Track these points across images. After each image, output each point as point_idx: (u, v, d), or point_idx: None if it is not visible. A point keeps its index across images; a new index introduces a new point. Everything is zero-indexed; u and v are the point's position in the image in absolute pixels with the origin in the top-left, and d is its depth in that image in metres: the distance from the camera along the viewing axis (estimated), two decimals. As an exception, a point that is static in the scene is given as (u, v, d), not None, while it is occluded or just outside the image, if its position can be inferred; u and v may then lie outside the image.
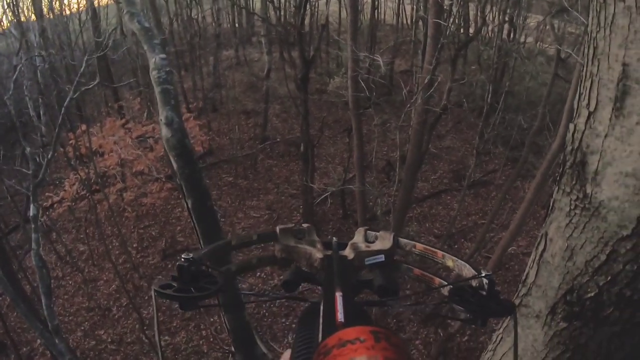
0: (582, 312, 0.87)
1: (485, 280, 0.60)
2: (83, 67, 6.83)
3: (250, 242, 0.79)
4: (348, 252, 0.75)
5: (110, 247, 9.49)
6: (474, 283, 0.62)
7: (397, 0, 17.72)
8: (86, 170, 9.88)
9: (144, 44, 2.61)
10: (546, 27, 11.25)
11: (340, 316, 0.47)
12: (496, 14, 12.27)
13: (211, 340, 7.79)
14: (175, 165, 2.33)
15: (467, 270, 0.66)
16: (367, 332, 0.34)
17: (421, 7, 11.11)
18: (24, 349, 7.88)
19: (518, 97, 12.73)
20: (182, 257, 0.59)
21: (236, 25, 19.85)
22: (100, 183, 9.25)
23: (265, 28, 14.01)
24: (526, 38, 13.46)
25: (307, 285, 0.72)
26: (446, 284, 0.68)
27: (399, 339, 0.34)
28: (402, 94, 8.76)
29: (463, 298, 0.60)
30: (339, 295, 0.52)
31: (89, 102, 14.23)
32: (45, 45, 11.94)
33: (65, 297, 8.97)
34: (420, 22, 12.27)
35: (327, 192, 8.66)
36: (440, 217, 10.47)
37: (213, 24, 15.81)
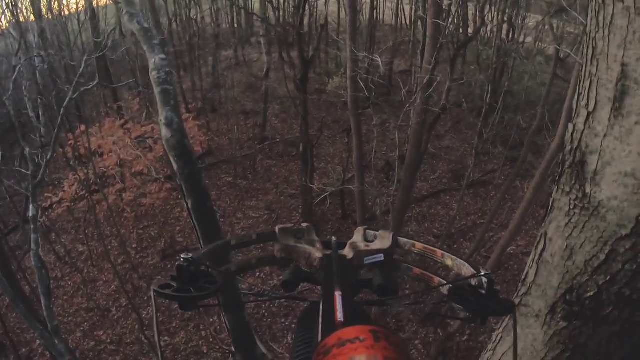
0: (582, 312, 0.87)
1: (484, 279, 0.60)
2: (82, 68, 6.82)
3: (250, 242, 0.79)
4: (347, 252, 0.75)
5: (109, 247, 9.48)
6: (473, 282, 0.62)
7: (396, 1, 17.72)
8: (85, 171, 9.87)
9: (144, 45, 2.61)
10: (545, 27, 11.27)
11: (340, 316, 0.47)
12: (495, 14, 12.27)
13: (211, 340, 7.78)
14: (175, 166, 2.33)
15: (467, 269, 0.66)
16: (367, 332, 0.34)
17: (420, 7, 11.09)
18: (24, 350, 7.87)
19: (517, 97, 12.73)
20: (182, 257, 0.59)
21: (235, 26, 19.82)
22: (100, 183, 9.23)
23: (265, 28, 14.04)
24: (525, 38, 13.48)
25: (307, 285, 0.72)
26: (446, 283, 0.69)
27: (399, 338, 0.34)
28: (401, 94, 8.78)
29: (462, 297, 0.60)
30: (338, 295, 0.52)
31: (88, 102, 14.23)
32: (44, 45, 11.93)
33: (65, 297, 8.95)
34: (419, 22, 12.25)
35: (327, 192, 8.65)
36: (439, 217, 10.47)
37: (212, 24, 15.80)
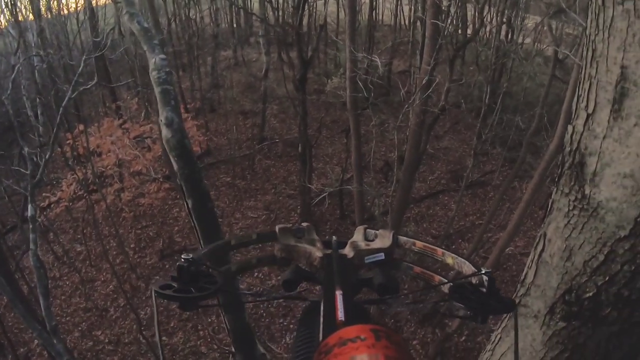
0: (581, 312, 0.87)
1: (485, 278, 0.60)
2: (81, 67, 6.80)
3: (250, 242, 0.79)
4: (348, 251, 0.74)
5: (107, 247, 9.47)
6: (474, 280, 0.62)
7: (395, 1, 17.74)
8: (84, 171, 9.84)
9: (144, 45, 2.60)
10: (544, 28, 11.27)
11: (341, 315, 0.47)
12: (494, 15, 12.29)
13: (209, 340, 7.77)
14: (175, 166, 2.32)
15: (467, 268, 0.66)
16: (368, 331, 0.34)
17: (419, 8, 11.12)
18: (22, 350, 7.85)
19: (516, 97, 12.76)
20: (182, 257, 0.59)
21: (234, 26, 19.80)
22: (98, 183, 9.22)
23: (264, 28, 14.03)
24: (524, 39, 13.52)
25: (306, 284, 0.72)
26: (446, 281, 0.69)
27: (400, 337, 0.34)
28: (400, 95, 8.78)
29: (463, 295, 0.60)
30: (339, 294, 0.52)
31: (86, 102, 14.20)
32: (43, 45, 11.89)
33: (63, 297, 8.93)
34: (418, 23, 12.25)
35: (325, 192, 8.64)
36: (438, 217, 10.48)
37: (211, 24, 15.81)
